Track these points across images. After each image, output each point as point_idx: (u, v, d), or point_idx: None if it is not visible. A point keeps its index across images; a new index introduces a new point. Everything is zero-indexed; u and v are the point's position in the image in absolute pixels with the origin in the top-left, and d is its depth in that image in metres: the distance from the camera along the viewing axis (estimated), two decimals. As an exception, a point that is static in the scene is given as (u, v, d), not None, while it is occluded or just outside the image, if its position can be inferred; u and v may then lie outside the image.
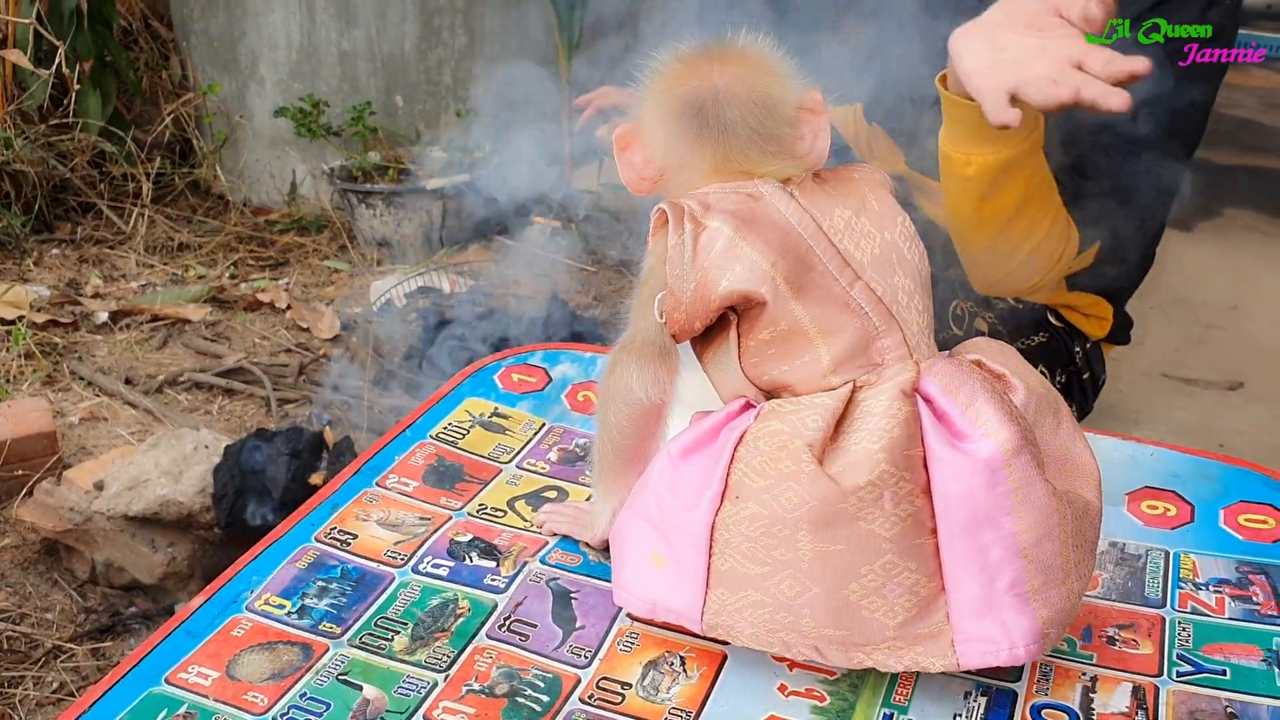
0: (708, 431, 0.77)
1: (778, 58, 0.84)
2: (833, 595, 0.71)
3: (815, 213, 0.78)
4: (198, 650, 0.75)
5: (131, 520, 1.74)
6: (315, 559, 0.84)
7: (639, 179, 0.84)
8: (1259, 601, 0.82)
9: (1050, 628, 0.71)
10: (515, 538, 0.88)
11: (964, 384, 0.74)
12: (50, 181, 2.82)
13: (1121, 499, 0.93)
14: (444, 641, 0.77)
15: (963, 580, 0.71)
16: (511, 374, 1.08)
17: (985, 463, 0.71)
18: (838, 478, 0.70)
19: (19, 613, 1.75)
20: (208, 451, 1.81)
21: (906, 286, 0.77)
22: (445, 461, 0.96)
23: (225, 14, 3.04)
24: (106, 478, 1.78)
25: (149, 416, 2.13)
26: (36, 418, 1.88)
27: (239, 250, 2.93)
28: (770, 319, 0.75)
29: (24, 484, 1.83)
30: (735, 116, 0.80)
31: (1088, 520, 0.75)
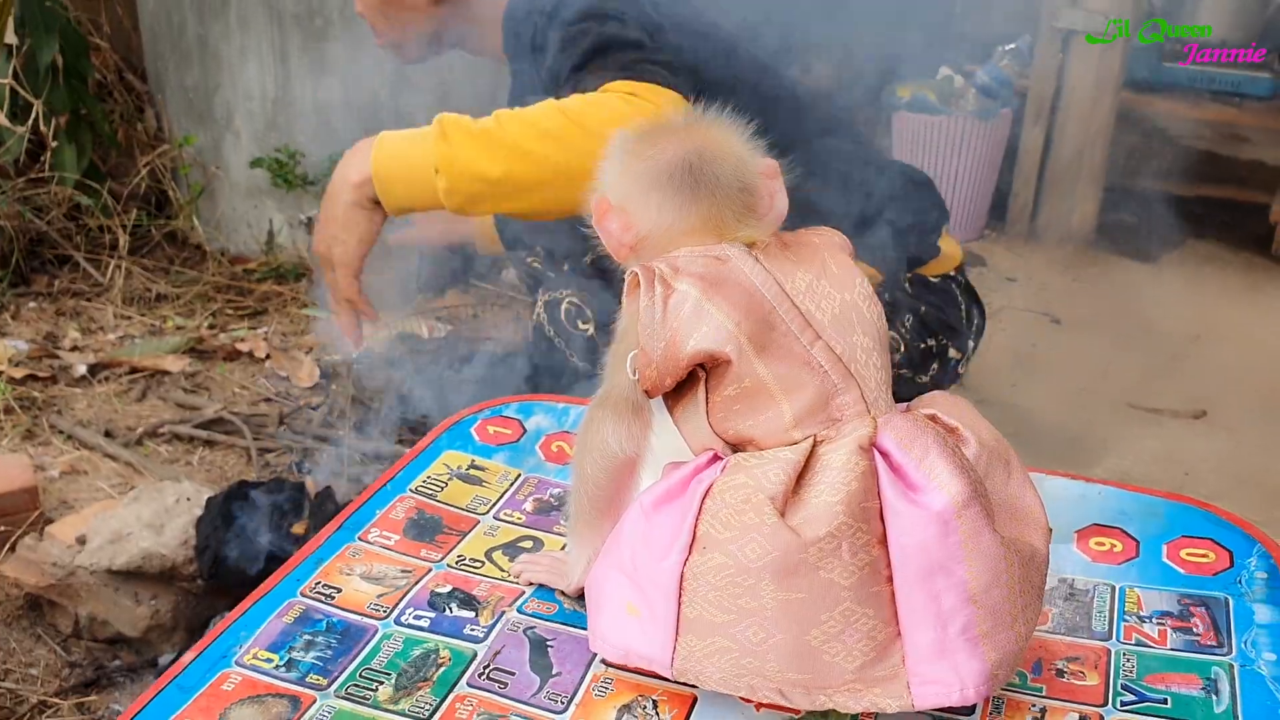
0: (677, 484, 0.81)
1: (736, 126, 0.89)
2: (795, 641, 0.75)
3: (779, 275, 0.83)
4: (190, 705, 0.78)
5: (114, 574, 1.76)
6: (301, 613, 0.87)
7: (619, 245, 0.89)
8: (1199, 632, 0.86)
9: (999, 669, 0.76)
10: (493, 588, 0.91)
11: (918, 438, 0.78)
12: (27, 235, 2.85)
13: (1071, 536, 0.98)
14: (426, 691, 0.80)
15: (918, 625, 0.75)
16: (487, 426, 1.12)
17: (938, 514, 0.75)
18: (798, 529, 0.75)
19: (2, 669, 1.76)
20: (189, 503, 1.83)
21: (865, 344, 0.82)
22: (425, 514, 0.99)
23: (200, 67, 3.08)
24: (88, 531, 1.80)
25: (130, 469, 2.15)
26: (17, 473, 1.90)
27: (217, 300, 2.95)
28: (735, 376, 0.80)
29: (6, 540, 1.85)
30: (723, 171, 0.85)
31: (1034, 566, 0.80)
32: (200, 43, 3.04)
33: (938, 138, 3.53)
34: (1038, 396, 2.79)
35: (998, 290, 3.34)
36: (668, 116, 0.90)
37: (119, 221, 2.95)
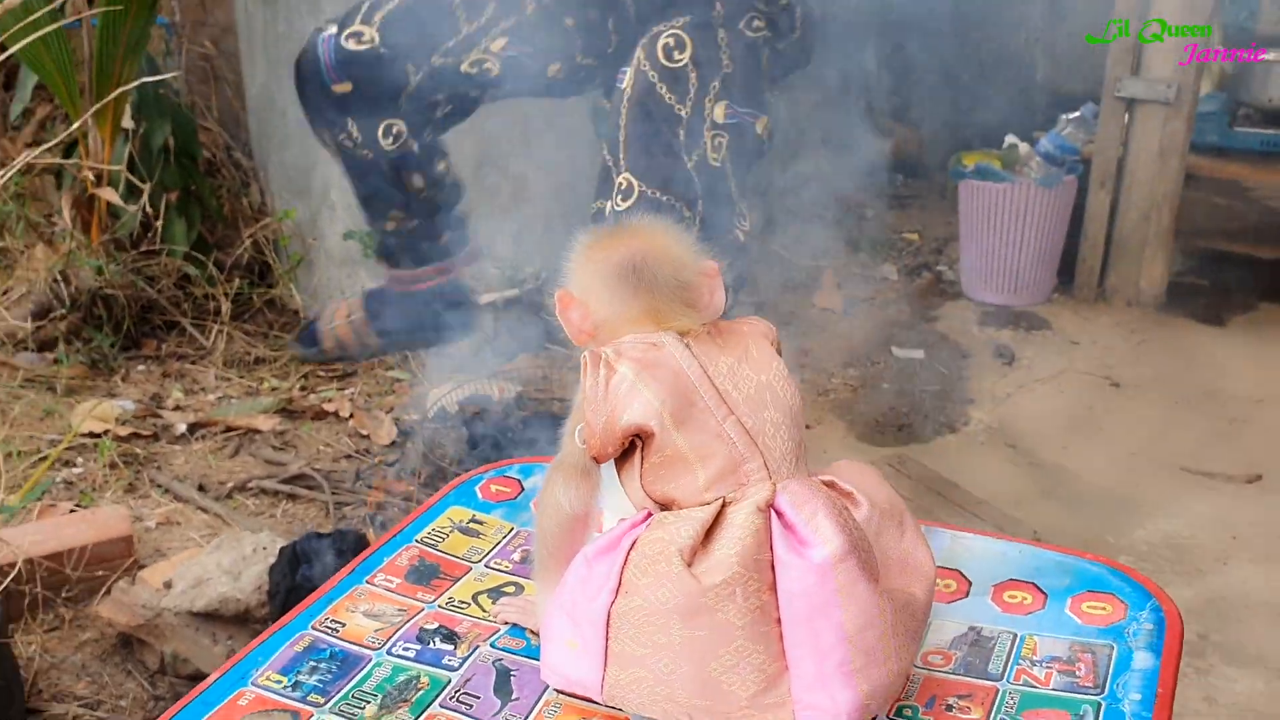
0: (613, 539, 0.96)
1: (678, 232, 1.05)
2: (698, 672, 0.89)
3: (704, 359, 0.98)
4: (211, 715, 0.95)
5: (195, 616, 1.96)
6: (310, 643, 1.04)
7: (578, 332, 1.05)
8: (1080, 675, 0.97)
9: (871, 699, 0.89)
10: (473, 625, 1.07)
11: (809, 501, 0.92)
12: (138, 303, 3.12)
13: (988, 589, 1.10)
14: (404, 710, 0.96)
15: (801, 660, 0.89)
16: (490, 485, 1.28)
17: (818, 566, 0.89)
18: (700, 577, 0.89)
19: (96, 699, 1.97)
20: (265, 552, 2.03)
21: (775, 419, 0.96)
22: (425, 562, 1.16)
23: (299, 145, 3.34)
24: (175, 577, 2.01)
25: (219, 520, 2.36)
26: (116, 524, 2.12)
27: (310, 362, 3.19)
28: (659, 446, 0.95)
29: (103, 583, 2.06)
30: (661, 272, 1.01)
31: (910, 612, 0.92)
32: (300, 124, 3.29)
33: (1003, 204, 3.61)
34: (1089, 459, 2.85)
35: (1061, 353, 3.40)
36: (621, 225, 1.06)
37: (223, 290, 3.21)
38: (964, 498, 2.52)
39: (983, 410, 3.06)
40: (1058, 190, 3.59)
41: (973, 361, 3.34)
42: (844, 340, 3.47)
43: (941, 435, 2.95)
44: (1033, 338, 3.48)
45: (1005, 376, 3.24)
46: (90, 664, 2.01)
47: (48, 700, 1.94)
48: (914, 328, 3.56)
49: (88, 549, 2.04)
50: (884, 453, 2.79)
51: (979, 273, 3.69)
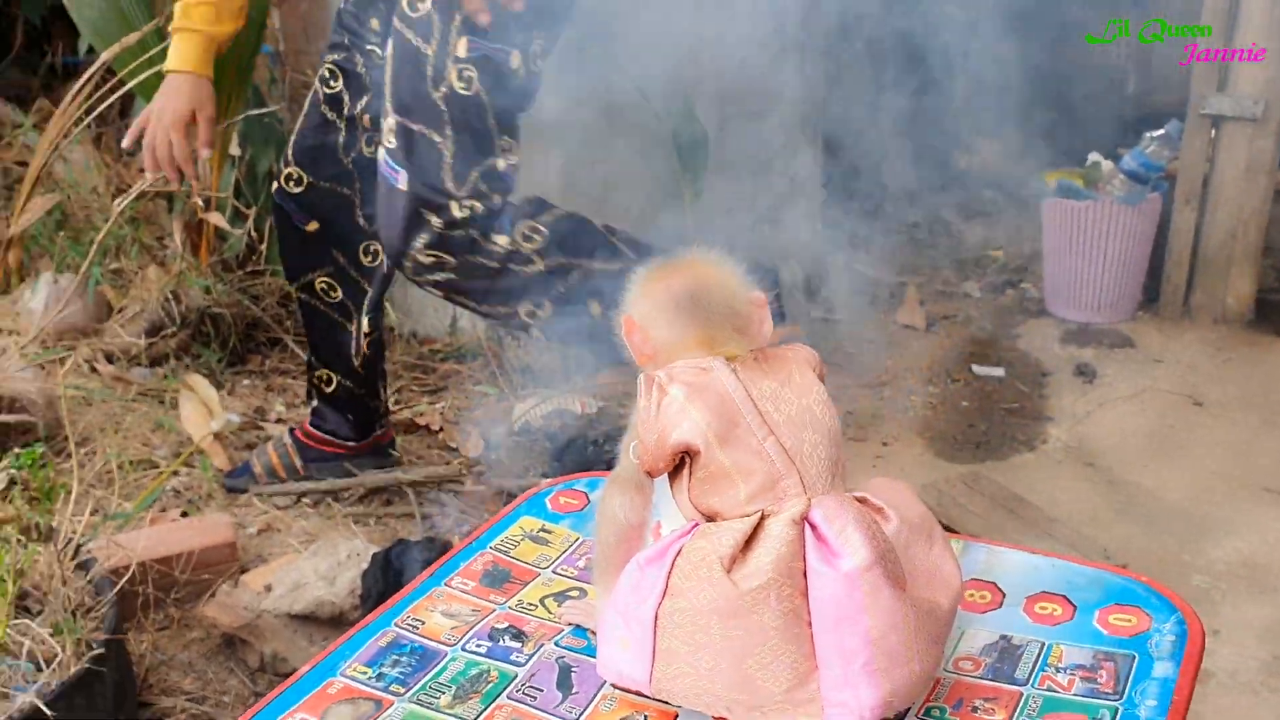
0: (662, 547, 1.05)
1: (731, 263, 1.14)
2: (736, 668, 0.97)
3: (748, 383, 1.07)
4: (303, 702, 1.06)
5: (294, 618, 2.09)
6: (393, 639, 1.15)
7: (640, 354, 1.14)
8: (1101, 682, 1.04)
9: (893, 697, 0.96)
10: (539, 625, 1.17)
11: (841, 515, 1.00)
12: (244, 321, 3.29)
13: (1021, 600, 1.16)
14: (475, 700, 1.06)
15: (829, 661, 0.97)
16: (559, 497, 1.39)
17: (847, 575, 0.97)
18: (738, 582, 0.98)
19: (201, 694, 2.11)
20: (358, 558, 2.16)
21: (813, 439, 1.05)
22: (499, 567, 1.26)
23: (395, 172, 3.49)
24: (274, 581, 2.15)
25: (316, 528, 2.50)
26: (221, 530, 2.27)
27: (404, 378, 3.33)
28: (704, 463, 1.04)
29: (209, 586, 2.21)
30: (716, 302, 1.10)
31: (933, 619, 1.00)
32: (395, 151, 3.46)
33: (1086, 222, 3.62)
34: (1168, 478, 2.85)
35: (1143, 371, 3.40)
36: (679, 256, 1.16)
37: (323, 308, 3.37)
38: (1036, 515, 2.55)
39: (1061, 428, 3.08)
40: (1142, 208, 3.59)
41: (1053, 379, 3.36)
42: (925, 357, 3.51)
43: (1019, 453, 2.98)
44: (1115, 355, 3.48)
45: (1085, 395, 3.25)
46: (196, 661, 2.16)
47: (157, 694, 2.09)
48: (995, 345, 3.58)
49: (195, 554, 2.18)
50: (960, 470, 2.82)
51: (1062, 290, 3.70)
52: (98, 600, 1.87)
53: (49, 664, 1.74)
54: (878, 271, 4.08)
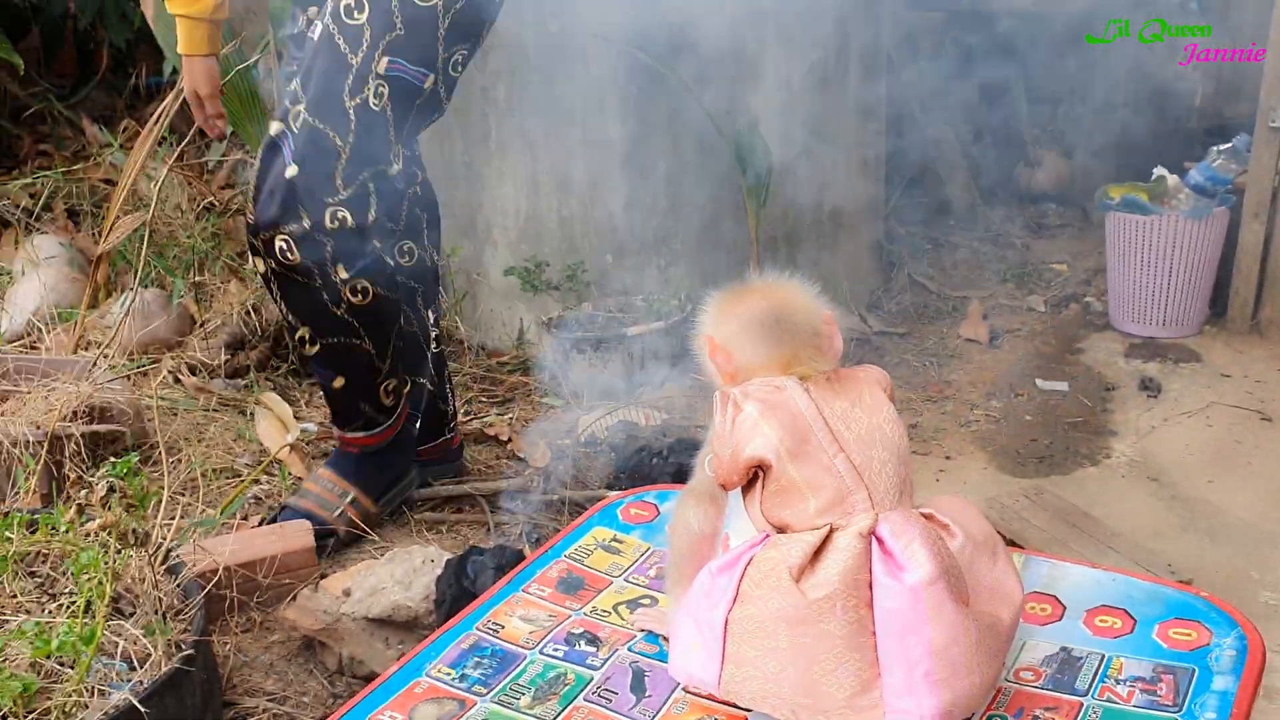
0: (734, 557, 1.10)
1: (804, 284, 1.19)
2: (802, 674, 1.02)
3: (820, 402, 1.11)
4: (390, 701, 1.13)
5: (371, 621, 2.16)
6: (475, 642, 1.21)
7: (721, 373, 1.20)
8: (1161, 694, 1.07)
9: (953, 707, 1.00)
10: (613, 631, 1.23)
11: (907, 530, 1.05)
12: (321, 335, 3.38)
13: (1081, 613, 1.19)
14: (554, 701, 1.12)
15: (891, 669, 1.01)
16: (630, 508, 1.44)
17: (911, 587, 1.01)
18: (805, 592, 1.02)
19: (283, 695, 2.19)
20: (433, 565, 2.22)
21: (882, 457, 1.09)
22: (573, 575, 1.32)
23: (466, 188, 3.58)
24: (352, 586, 2.22)
25: (391, 535, 2.58)
26: (301, 536, 2.35)
27: (473, 389, 3.41)
28: (776, 477, 1.09)
29: (290, 590, 2.29)
30: (799, 324, 1.15)
31: (995, 633, 1.04)
32: (466, 167, 3.54)
33: (1151, 237, 3.62)
34: (1234, 493, 2.83)
35: (1209, 386, 3.38)
36: (752, 279, 1.21)
37: (394, 322, 3.45)
38: (1099, 530, 2.56)
39: (1126, 443, 3.08)
40: (1208, 222, 3.57)
41: (1118, 394, 3.35)
42: (988, 371, 3.52)
43: (1082, 467, 2.98)
44: (1181, 370, 3.47)
45: (1150, 409, 3.25)
46: (277, 663, 2.23)
47: (240, 695, 2.16)
48: (1059, 359, 3.58)
49: (277, 558, 2.26)
50: (1022, 484, 2.84)
51: (1127, 304, 3.69)
52: (186, 603, 1.95)
53: (141, 664, 1.82)
54: (940, 286, 4.09)
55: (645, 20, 3.21)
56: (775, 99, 3.41)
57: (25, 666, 1.70)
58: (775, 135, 3.39)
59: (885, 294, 3.96)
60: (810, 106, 3.49)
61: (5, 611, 1.83)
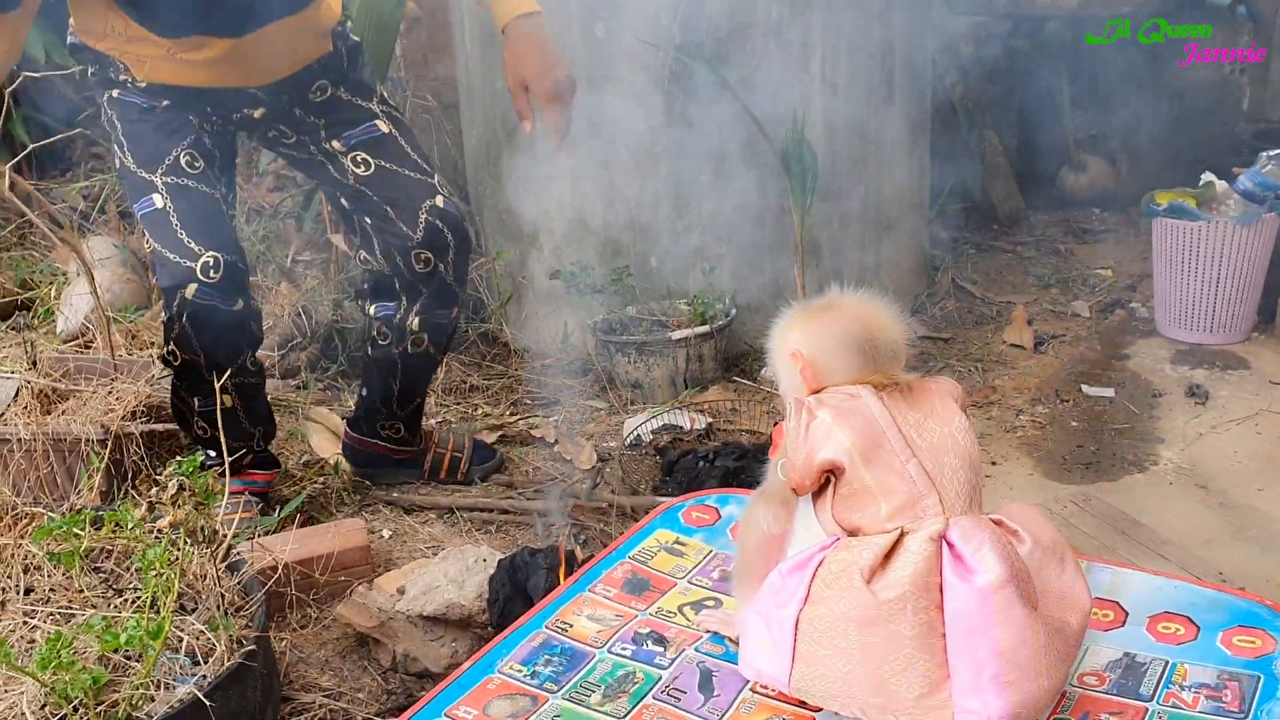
0: (804, 558, 1.12)
1: (887, 302, 1.21)
2: (872, 673, 1.04)
3: (894, 410, 1.14)
4: (465, 696, 1.15)
5: (425, 619, 2.19)
6: (544, 640, 1.23)
7: (804, 384, 1.22)
8: (1226, 700, 1.08)
9: (1021, 709, 1.02)
10: (680, 631, 1.25)
11: (976, 534, 1.06)
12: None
13: (1144, 620, 1.20)
14: (624, 699, 1.14)
15: (961, 670, 1.03)
16: (692, 512, 1.46)
17: (980, 590, 1.03)
18: (876, 593, 1.04)
19: (338, 691, 2.22)
20: (485, 564, 2.25)
21: (953, 464, 1.11)
22: (638, 576, 1.34)
23: (510, 190, 3.61)
24: (406, 584, 2.25)
25: (443, 535, 2.61)
26: (355, 535, 2.38)
27: (518, 391, 3.44)
28: (848, 480, 1.11)
29: (345, 588, 2.32)
30: (888, 343, 1.18)
31: (1063, 638, 1.05)
32: (513, 171, 3.58)
33: (1198, 243, 3.60)
34: (1284, 501, 2.82)
35: (1258, 393, 3.36)
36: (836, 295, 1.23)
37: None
38: (1149, 537, 2.55)
39: (1173, 450, 3.06)
40: (1257, 228, 3.55)
41: (1164, 400, 3.33)
42: (1033, 377, 3.51)
43: (1129, 474, 2.97)
44: (1229, 377, 3.45)
45: (1198, 416, 3.23)
46: (332, 660, 2.27)
47: (297, 690, 2.20)
48: (1105, 365, 3.57)
49: (333, 556, 2.30)
50: (1069, 490, 2.83)
51: (1173, 311, 3.67)
52: (247, 599, 1.99)
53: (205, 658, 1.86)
54: (984, 291, 4.09)
55: (691, 24, 3.23)
56: (822, 102, 3.42)
57: (93, 660, 1.74)
58: (821, 139, 3.40)
59: (929, 299, 3.95)
60: (856, 110, 3.50)
61: (73, 606, 1.87)
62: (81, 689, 1.66)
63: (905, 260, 3.87)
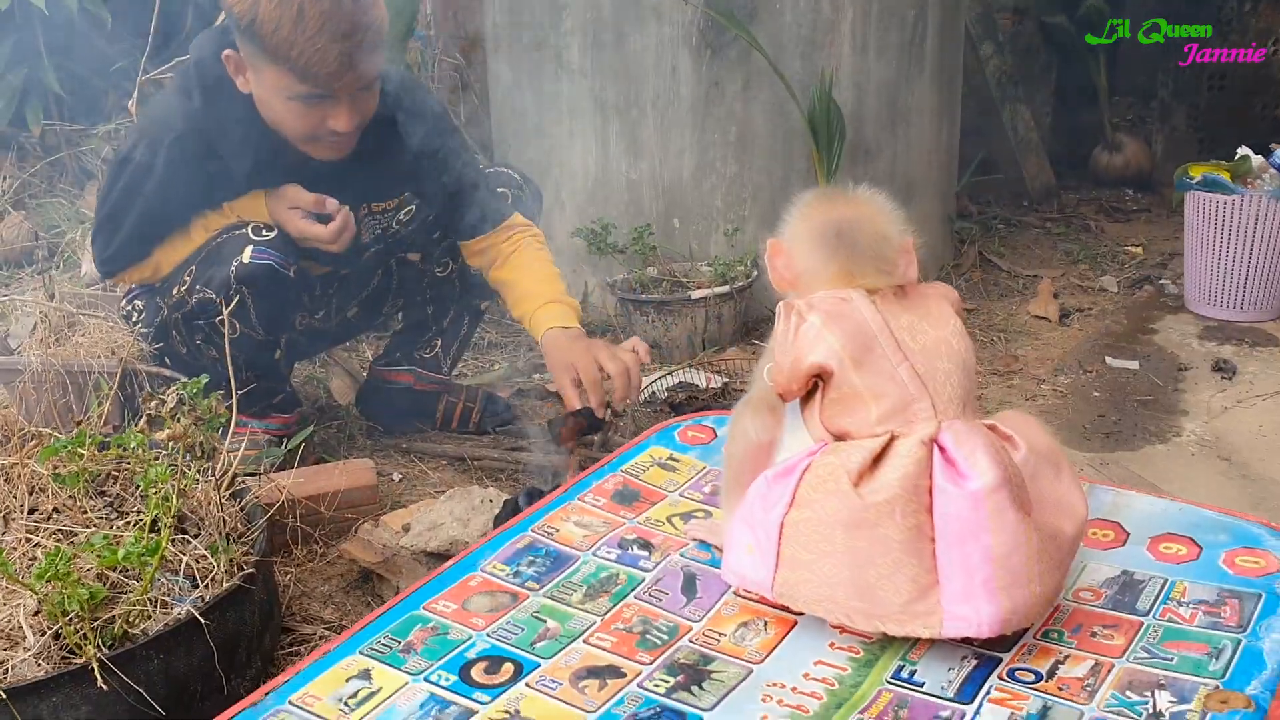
0: (791, 464, 1.09)
1: (890, 205, 1.18)
2: (857, 578, 1.01)
3: (886, 314, 1.10)
4: (446, 592, 1.14)
5: (429, 555, 2.18)
6: (530, 543, 1.22)
7: (780, 280, 1.19)
8: (1225, 616, 1.04)
9: (1012, 615, 0.99)
10: (666, 539, 1.23)
11: (970, 439, 1.03)
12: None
13: (1145, 540, 1.17)
14: (605, 599, 1.12)
15: (951, 576, 1.00)
16: (688, 430, 1.44)
17: (973, 494, 1.00)
18: (864, 496, 1.01)
19: (339, 624, 2.22)
20: (491, 504, 2.24)
21: (946, 369, 1.08)
22: (629, 488, 1.32)
23: (535, 148, 3.60)
24: (412, 522, 2.24)
25: (452, 480, 2.60)
26: (363, 473, 2.38)
27: (537, 350, 3.42)
28: (837, 384, 1.08)
29: (351, 525, 2.32)
30: (862, 240, 1.14)
31: (1056, 544, 1.02)
32: (536, 128, 3.56)
33: (1231, 217, 3.53)
34: (1308, 476, 2.77)
35: (1289, 370, 3.30)
36: (842, 190, 1.20)
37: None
38: (1167, 502, 2.51)
39: (1196, 422, 3.01)
40: (1292, 203, 3.48)
41: (1190, 375, 3.28)
42: (1056, 348, 3.46)
43: (1150, 444, 2.92)
44: (1257, 354, 3.38)
45: (1224, 391, 3.17)
46: (335, 594, 2.26)
47: (299, 621, 2.20)
48: (1131, 339, 3.51)
49: (339, 494, 2.29)
50: (1088, 458, 2.79)
51: (1203, 286, 3.61)
52: (250, 526, 1.99)
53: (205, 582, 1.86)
54: (1011, 264, 4.03)
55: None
56: (851, 65, 3.38)
57: (93, 578, 1.73)
58: (849, 102, 3.36)
59: (955, 270, 3.91)
60: (886, 75, 3.45)
61: (76, 526, 1.87)
62: (79, 603, 1.66)
63: (931, 230, 3.82)
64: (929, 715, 0.98)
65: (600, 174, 3.48)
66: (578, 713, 1.00)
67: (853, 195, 1.18)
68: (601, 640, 1.06)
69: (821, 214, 1.15)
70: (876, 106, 3.48)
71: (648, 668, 1.04)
